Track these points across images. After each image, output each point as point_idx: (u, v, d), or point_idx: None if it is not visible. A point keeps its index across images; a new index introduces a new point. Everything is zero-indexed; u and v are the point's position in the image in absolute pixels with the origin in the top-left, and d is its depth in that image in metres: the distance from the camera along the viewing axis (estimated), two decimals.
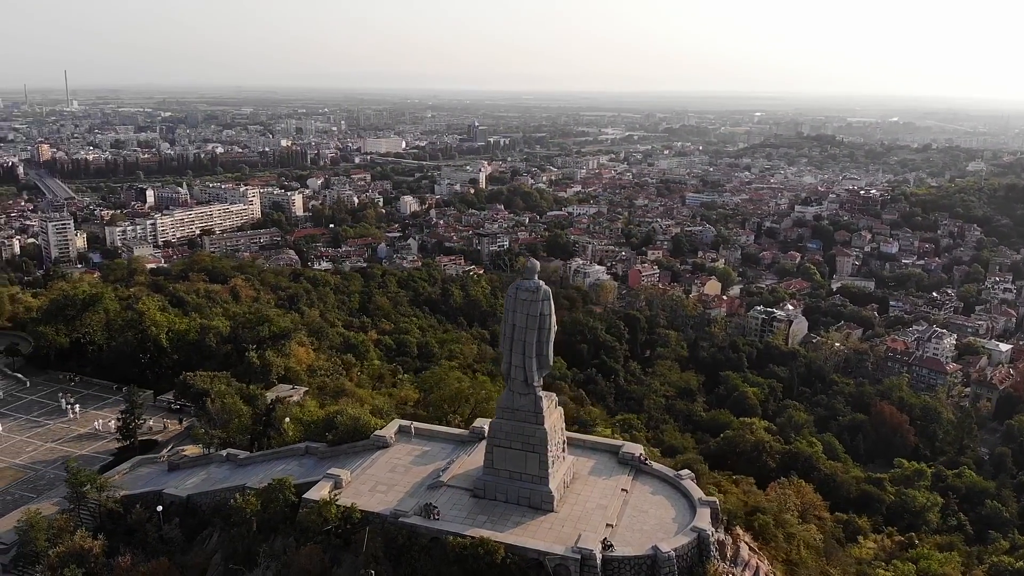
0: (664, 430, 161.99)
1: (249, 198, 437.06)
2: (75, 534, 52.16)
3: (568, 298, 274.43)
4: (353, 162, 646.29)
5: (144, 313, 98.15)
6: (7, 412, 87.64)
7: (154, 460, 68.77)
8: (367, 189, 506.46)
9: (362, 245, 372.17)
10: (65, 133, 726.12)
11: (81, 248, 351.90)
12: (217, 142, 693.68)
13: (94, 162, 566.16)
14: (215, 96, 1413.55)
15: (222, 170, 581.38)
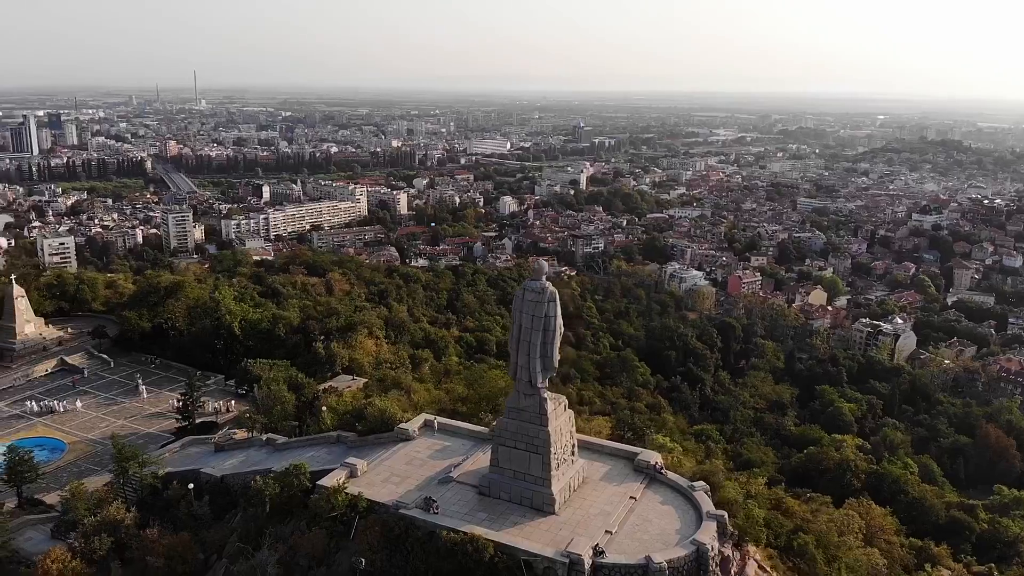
0: (745, 443, 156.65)
1: (357, 196, 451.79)
2: (111, 506, 55.02)
3: (660, 303, 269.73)
4: (458, 163, 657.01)
5: (220, 302, 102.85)
6: (89, 390, 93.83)
7: (204, 440, 71.80)
8: (469, 189, 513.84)
9: (459, 244, 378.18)
10: (192, 130, 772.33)
11: (199, 240, 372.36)
12: (332, 142, 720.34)
13: (216, 158, 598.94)
14: (334, 97, 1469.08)
15: (335, 169, 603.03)
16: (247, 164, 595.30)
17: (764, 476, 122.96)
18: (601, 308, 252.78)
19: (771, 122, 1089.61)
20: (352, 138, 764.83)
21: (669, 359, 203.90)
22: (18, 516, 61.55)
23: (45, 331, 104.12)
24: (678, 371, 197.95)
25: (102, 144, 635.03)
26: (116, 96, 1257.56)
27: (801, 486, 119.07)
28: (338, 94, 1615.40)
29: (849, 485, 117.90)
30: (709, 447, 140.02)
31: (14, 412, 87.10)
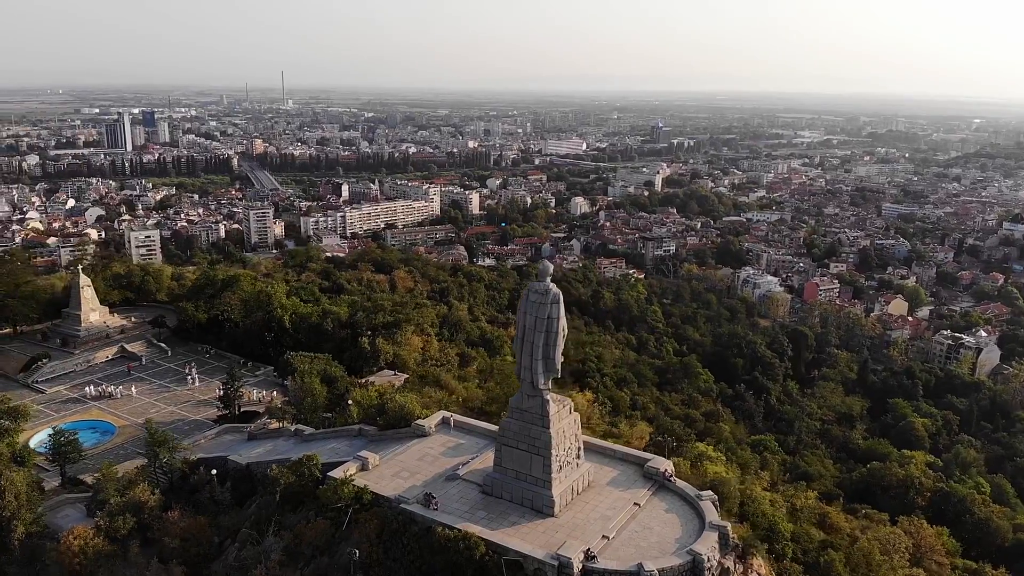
0: (805, 455, 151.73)
1: (430, 196, 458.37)
2: (137, 488, 57.23)
3: (730, 309, 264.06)
4: (532, 163, 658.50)
5: (272, 296, 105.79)
6: (145, 377, 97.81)
7: (239, 429, 73.93)
8: (541, 190, 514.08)
9: (527, 244, 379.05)
10: (278, 129, 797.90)
11: (279, 235, 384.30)
12: (411, 142, 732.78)
13: (300, 157, 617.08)
14: (415, 99, 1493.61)
15: (413, 169, 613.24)
16: (329, 163, 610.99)
17: (815, 490, 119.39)
18: (668, 312, 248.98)
19: (859, 124, 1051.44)
20: (430, 139, 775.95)
21: (735, 367, 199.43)
22: (59, 495, 64.77)
23: (109, 320, 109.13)
24: (743, 379, 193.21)
25: (192, 142, 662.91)
26: (208, 95, 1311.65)
27: (862, 502, 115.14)
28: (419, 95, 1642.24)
29: (912, 503, 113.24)
30: (765, 458, 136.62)
31: (73, 396, 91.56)
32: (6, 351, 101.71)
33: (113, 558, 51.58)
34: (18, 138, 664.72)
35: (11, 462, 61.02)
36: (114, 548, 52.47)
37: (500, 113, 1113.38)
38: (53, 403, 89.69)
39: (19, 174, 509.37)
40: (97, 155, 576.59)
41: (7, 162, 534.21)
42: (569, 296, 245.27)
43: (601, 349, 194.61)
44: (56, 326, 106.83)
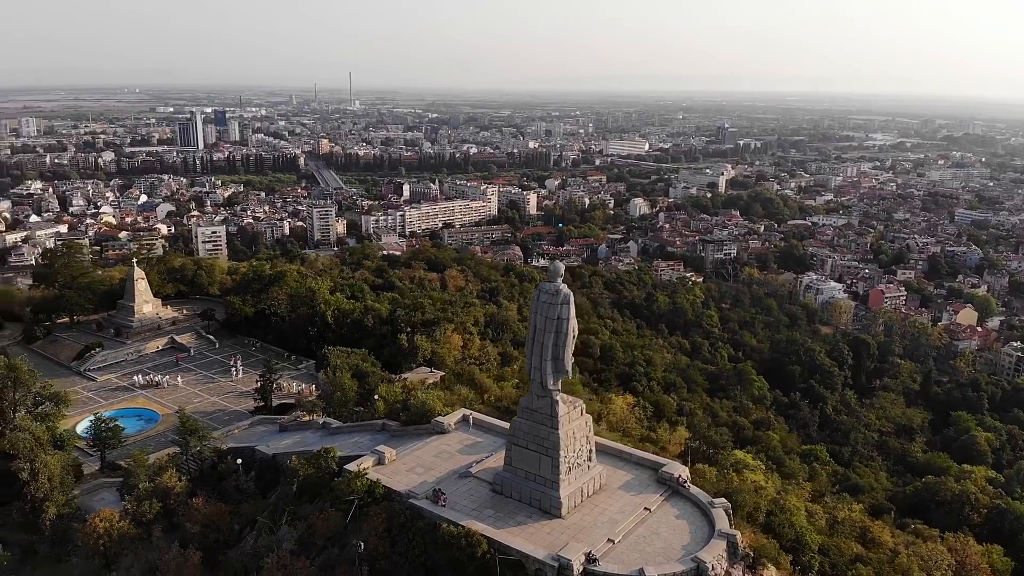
0: (857, 467, 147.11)
1: (488, 196, 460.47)
2: (165, 474, 59.00)
3: (790, 315, 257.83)
4: (593, 164, 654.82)
5: (316, 292, 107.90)
6: (192, 367, 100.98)
7: (272, 420, 75.54)
8: (600, 191, 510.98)
9: (583, 245, 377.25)
10: (344, 129, 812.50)
11: (340, 233, 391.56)
12: (473, 143, 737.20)
13: (364, 157, 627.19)
14: (479, 99, 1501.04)
15: (473, 169, 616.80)
16: (392, 163, 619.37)
17: (864, 503, 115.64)
18: (725, 317, 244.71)
19: (935, 127, 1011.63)
20: (492, 139, 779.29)
21: (792, 375, 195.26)
22: (97, 479, 67.31)
23: (161, 311, 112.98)
24: (799, 387, 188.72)
25: (261, 141, 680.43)
26: (278, 96, 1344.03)
27: (914, 517, 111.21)
28: (483, 96, 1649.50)
29: (966, 519, 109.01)
30: (814, 468, 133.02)
31: (122, 384, 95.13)
32: (62, 340, 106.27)
33: (137, 541, 53.28)
34: (95, 135, 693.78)
35: (51, 446, 63.55)
36: (139, 532, 54.27)
37: (563, 114, 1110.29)
38: (103, 391, 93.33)
39: (95, 170, 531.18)
40: (170, 153, 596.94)
41: (84, 158, 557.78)
42: (622, 299, 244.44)
43: (652, 353, 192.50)
44: (111, 317, 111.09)
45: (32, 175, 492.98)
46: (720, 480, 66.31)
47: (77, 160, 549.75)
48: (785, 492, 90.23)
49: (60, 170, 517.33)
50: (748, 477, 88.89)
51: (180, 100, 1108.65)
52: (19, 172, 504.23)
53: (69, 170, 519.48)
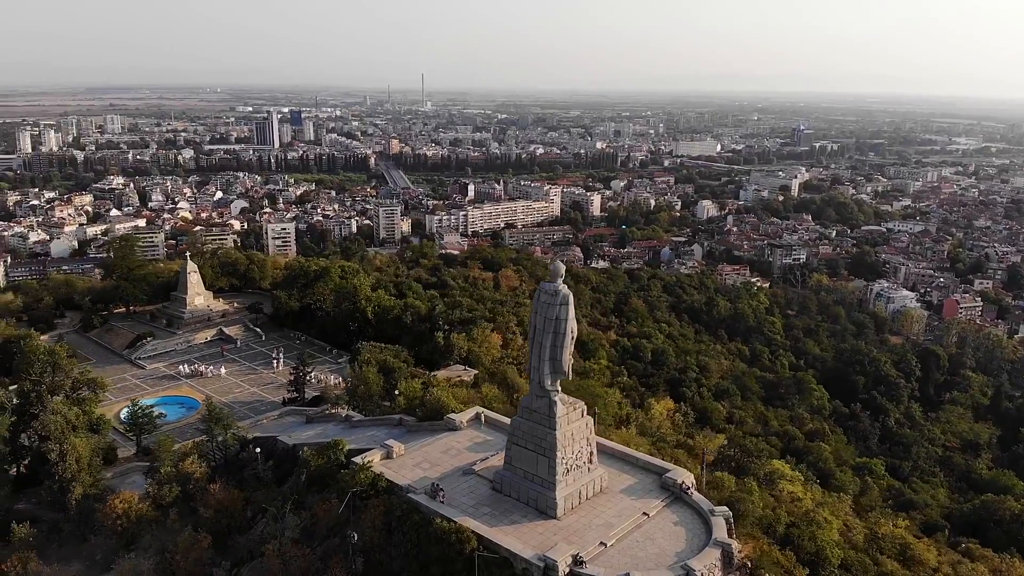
0: (914, 482, 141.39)
1: (551, 197, 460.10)
2: (187, 460, 61.01)
3: (857, 323, 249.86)
4: (662, 165, 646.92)
5: (358, 288, 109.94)
6: (237, 359, 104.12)
7: (300, 411, 77.31)
8: (667, 192, 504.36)
9: (645, 247, 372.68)
10: (415, 130, 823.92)
11: (405, 232, 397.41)
12: (540, 143, 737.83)
13: (432, 157, 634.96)
14: (548, 100, 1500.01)
15: (538, 169, 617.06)
16: (459, 163, 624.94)
17: (917, 519, 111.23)
18: (790, 324, 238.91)
19: (1022, 132, 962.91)
20: (559, 140, 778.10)
21: (855, 385, 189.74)
22: (131, 462, 70.08)
23: (213, 304, 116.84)
24: (861, 398, 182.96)
25: (334, 141, 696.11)
26: (353, 96, 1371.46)
27: (972, 536, 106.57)
28: (553, 97, 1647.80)
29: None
30: (866, 482, 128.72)
31: (169, 373, 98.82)
32: (117, 328, 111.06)
33: (154, 523, 55.28)
34: (176, 133, 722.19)
35: (87, 430, 66.48)
36: (157, 514, 56.28)
37: (633, 114, 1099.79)
38: (150, 378, 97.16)
39: (175, 166, 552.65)
40: (247, 151, 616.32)
41: (165, 155, 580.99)
42: (680, 303, 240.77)
43: (708, 359, 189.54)
44: (164, 308, 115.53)
45: (115, 170, 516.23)
46: (738, 489, 64.61)
47: (158, 157, 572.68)
48: (823, 505, 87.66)
49: (142, 166, 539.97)
50: (784, 488, 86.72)
51: (259, 100, 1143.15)
52: (103, 168, 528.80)
53: (150, 166, 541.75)
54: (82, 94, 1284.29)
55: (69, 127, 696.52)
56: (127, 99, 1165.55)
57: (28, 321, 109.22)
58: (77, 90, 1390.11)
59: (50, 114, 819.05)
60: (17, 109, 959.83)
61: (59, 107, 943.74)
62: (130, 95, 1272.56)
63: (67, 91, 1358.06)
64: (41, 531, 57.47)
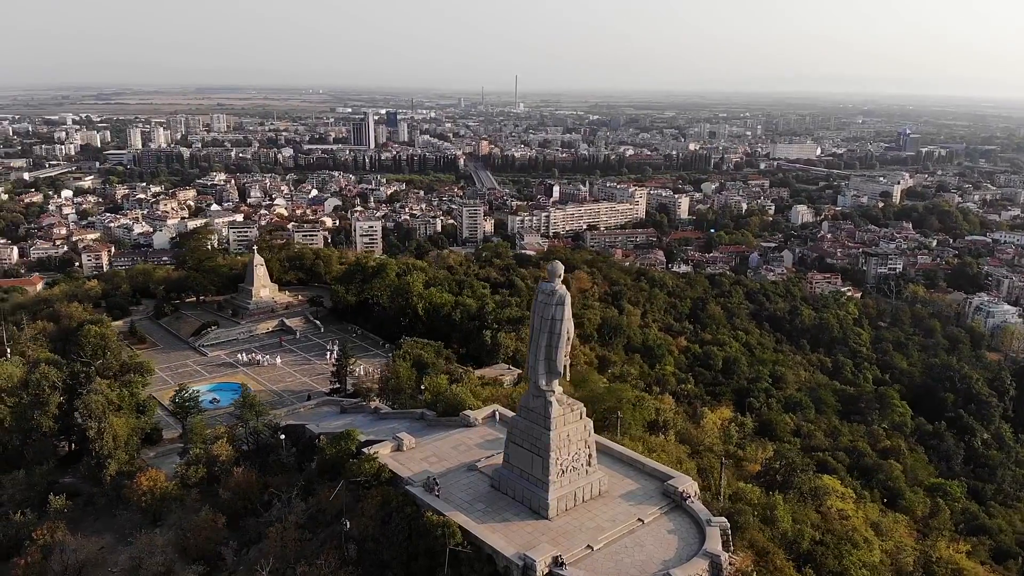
0: (992, 507, 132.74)
1: (636, 199, 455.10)
2: (216, 443, 63.63)
3: (951, 338, 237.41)
4: (757, 168, 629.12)
5: (411, 285, 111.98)
6: (294, 349, 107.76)
7: (336, 401, 79.44)
8: (760, 196, 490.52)
9: (732, 252, 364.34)
10: (506, 131, 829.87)
11: (488, 232, 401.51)
12: (631, 144, 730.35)
13: (520, 159, 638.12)
14: (643, 101, 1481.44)
15: (627, 171, 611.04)
16: (546, 164, 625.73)
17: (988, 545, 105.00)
18: (879, 337, 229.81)
19: None
20: (651, 141, 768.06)
21: (943, 402, 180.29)
22: (175, 443, 73.64)
23: (277, 296, 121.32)
24: (947, 417, 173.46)
25: (427, 142, 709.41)
26: (448, 98, 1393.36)
27: None
28: (648, 97, 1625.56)
29: None
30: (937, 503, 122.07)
31: (228, 360, 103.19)
32: (185, 317, 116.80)
33: (176, 501, 57.98)
34: (278, 132, 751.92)
35: (134, 411, 70.22)
36: (181, 493, 58.99)
37: (730, 115, 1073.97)
38: (210, 365, 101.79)
39: (274, 165, 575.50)
40: (343, 151, 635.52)
41: (265, 153, 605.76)
42: (762, 310, 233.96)
43: (784, 369, 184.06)
44: (232, 299, 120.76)
45: (218, 167, 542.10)
46: (764, 503, 62.32)
47: (259, 155, 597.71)
48: (875, 525, 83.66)
49: (243, 164, 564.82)
50: (833, 505, 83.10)
51: (358, 101, 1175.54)
52: (207, 164, 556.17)
53: (251, 164, 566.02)
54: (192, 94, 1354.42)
55: (178, 125, 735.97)
56: (234, 99, 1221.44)
57: (106, 307, 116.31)
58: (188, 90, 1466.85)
59: (161, 112, 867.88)
60: (131, 107, 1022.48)
61: (170, 106, 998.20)
62: (237, 95, 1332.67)
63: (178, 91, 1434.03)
64: (78, 504, 61.16)
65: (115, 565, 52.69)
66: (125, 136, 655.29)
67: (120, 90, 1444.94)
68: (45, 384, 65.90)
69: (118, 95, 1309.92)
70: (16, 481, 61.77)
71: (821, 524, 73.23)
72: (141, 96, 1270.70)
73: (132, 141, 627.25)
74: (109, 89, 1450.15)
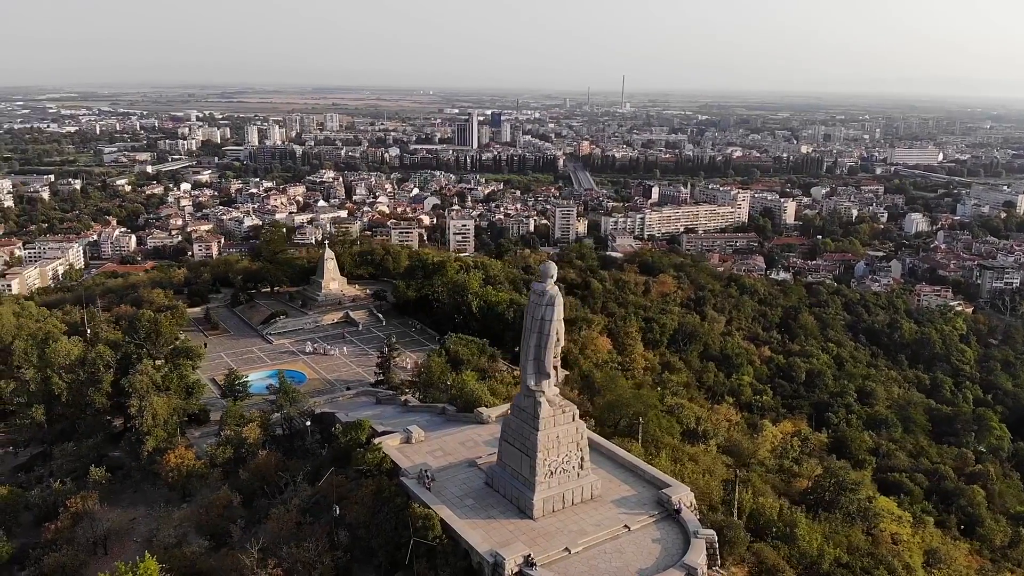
0: None
1: (738, 202, 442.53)
2: (248, 426, 66.57)
3: None
4: (873, 172, 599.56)
5: (467, 283, 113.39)
6: (355, 341, 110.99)
7: (372, 392, 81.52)
8: (872, 202, 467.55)
9: (837, 260, 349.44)
10: (608, 132, 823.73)
11: (581, 232, 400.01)
12: (739, 146, 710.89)
13: (620, 159, 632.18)
14: (756, 102, 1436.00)
15: (733, 173, 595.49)
16: (647, 165, 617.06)
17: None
18: (987, 355, 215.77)
19: None
20: (760, 143, 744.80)
21: None
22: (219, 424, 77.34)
23: (346, 289, 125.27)
24: None
25: (528, 142, 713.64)
26: (554, 99, 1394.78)
27: None
28: (762, 98, 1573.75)
29: None
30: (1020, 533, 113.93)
31: (291, 349, 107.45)
32: (258, 306, 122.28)
33: (202, 478, 61.14)
34: (387, 132, 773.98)
35: (183, 392, 74.35)
36: (208, 471, 62.15)
37: (848, 117, 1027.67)
38: (273, 352, 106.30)
39: (381, 163, 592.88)
40: (447, 151, 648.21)
41: (373, 152, 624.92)
42: (860, 322, 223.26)
43: (874, 385, 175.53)
44: (303, 290, 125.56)
45: (328, 165, 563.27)
46: (787, 520, 59.80)
47: (367, 154, 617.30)
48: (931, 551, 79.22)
49: (352, 162, 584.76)
50: (886, 527, 79.03)
51: (466, 102, 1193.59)
52: (318, 162, 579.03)
53: (359, 163, 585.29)
54: (310, 93, 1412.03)
55: (293, 123, 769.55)
56: (348, 99, 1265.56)
57: (187, 294, 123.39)
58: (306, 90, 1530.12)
59: (279, 111, 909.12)
60: (251, 105, 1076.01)
61: (288, 105, 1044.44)
62: (352, 95, 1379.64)
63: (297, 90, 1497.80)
64: (117, 477, 65.45)
65: (138, 536, 56.10)
66: (243, 133, 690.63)
67: (243, 89, 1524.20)
68: (100, 363, 70.91)
69: (240, 94, 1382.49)
70: (65, 452, 66.72)
71: (863, 547, 69.81)
72: (262, 95, 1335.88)
73: (249, 138, 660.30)
74: (233, 88, 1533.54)
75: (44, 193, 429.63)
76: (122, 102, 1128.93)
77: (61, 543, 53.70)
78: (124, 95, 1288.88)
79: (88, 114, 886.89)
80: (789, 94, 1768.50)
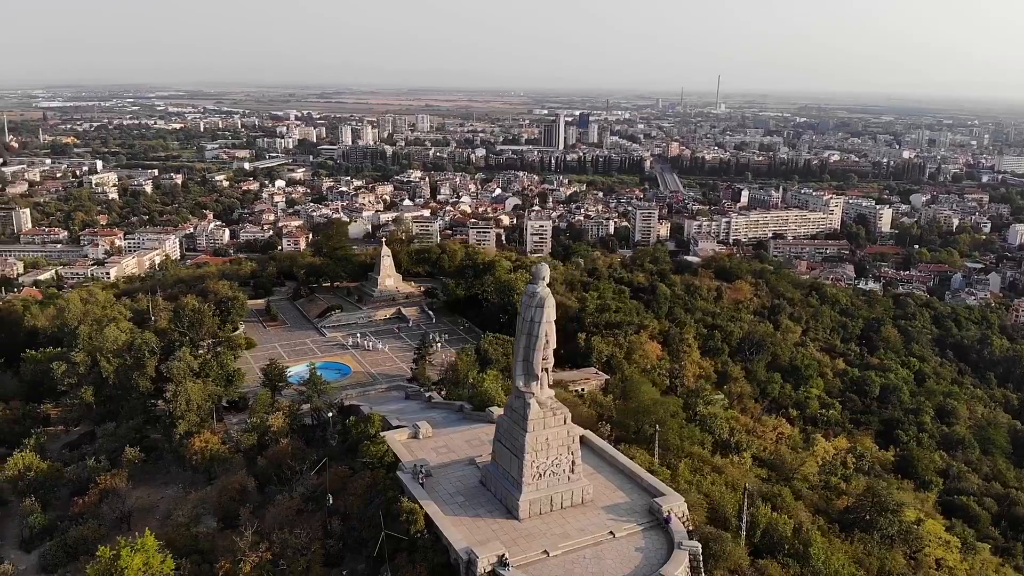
0: None
1: (830, 208, 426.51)
2: (274, 415, 68.92)
3: None
4: (978, 180, 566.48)
5: (513, 283, 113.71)
6: (404, 337, 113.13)
7: (402, 387, 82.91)
8: (975, 212, 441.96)
9: (933, 271, 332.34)
10: (700, 133, 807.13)
11: (662, 235, 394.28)
12: (837, 149, 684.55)
13: (710, 161, 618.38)
14: (859, 104, 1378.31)
15: (829, 177, 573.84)
16: (738, 168, 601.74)
17: None
18: None
19: None
20: (860, 147, 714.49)
21: None
22: None
23: (400, 286, 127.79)
24: None
25: (614, 143, 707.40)
26: (646, 99, 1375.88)
27: None
28: (865, 100, 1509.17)
29: None
30: None
31: (342, 342, 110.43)
32: (317, 299, 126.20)
33: (223, 463, 63.71)
34: (475, 133, 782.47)
35: (223, 380, 77.53)
36: (229, 456, 64.70)
37: (956, 122, 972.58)
38: (325, 344, 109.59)
39: (467, 164, 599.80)
40: (531, 152, 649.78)
41: (460, 153, 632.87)
42: (948, 337, 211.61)
43: (956, 403, 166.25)
44: (360, 286, 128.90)
45: (416, 165, 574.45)
46: (801, 539, 57.47)
47: (454, 155, 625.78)
48: None
49: (439, 162, 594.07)
50: (932, 553, 75.11)
51: (556, 103, 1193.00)
52: (407, 162, 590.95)
53: (446, 163, 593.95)
54: (405, 94, 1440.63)
55: (386, 124, 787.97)
56: (441, 100, 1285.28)
57: (252, 286, 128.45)
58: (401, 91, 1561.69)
59: (374, 112, 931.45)
60: (347, 106, 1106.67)
61: (383, 106, 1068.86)
62: (444, 96, 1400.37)
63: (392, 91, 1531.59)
64: (151, 458, 68.94)
65: (160, 514, 59.03)
66: (338, 133, 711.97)
67: (341, 89, 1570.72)
68: (145, 349, 74.83)
69: (338, 94, 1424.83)
70: (108, 432, 70.69)
71: (897, 571, 66.63)
72: (358, 96, 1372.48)
73: (343, 138, 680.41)
74: (331, 88, 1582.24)
75: (147, 186, 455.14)
76: (226, 101, 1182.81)
77: (88, 517, 57.05)
78: (229, 94, 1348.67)
79: (194, 112, 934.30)
80: (893, 97, 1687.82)
